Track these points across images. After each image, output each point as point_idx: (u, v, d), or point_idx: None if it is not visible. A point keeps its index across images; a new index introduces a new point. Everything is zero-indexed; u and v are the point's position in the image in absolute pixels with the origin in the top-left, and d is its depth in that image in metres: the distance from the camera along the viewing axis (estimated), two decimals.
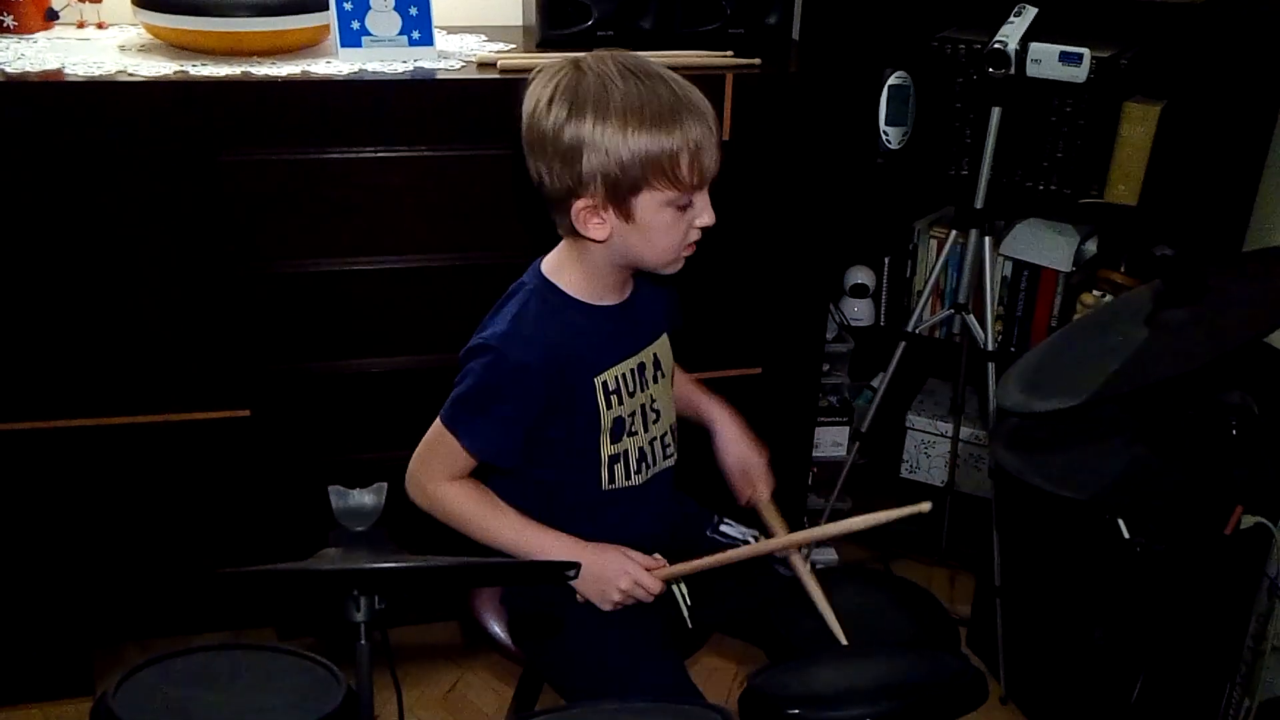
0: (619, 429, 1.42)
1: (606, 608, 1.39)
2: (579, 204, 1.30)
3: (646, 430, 1.45)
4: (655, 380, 1.46)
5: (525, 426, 1.37)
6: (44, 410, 1.83)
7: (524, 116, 1.32)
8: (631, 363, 1.42)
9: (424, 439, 1.41)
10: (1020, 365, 1.28)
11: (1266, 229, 2.04)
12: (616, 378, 1.40)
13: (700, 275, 1.51)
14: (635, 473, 1.45)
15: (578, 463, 1.42)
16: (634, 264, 1.37)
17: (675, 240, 1.32)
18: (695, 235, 1.34)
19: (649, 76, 1.27)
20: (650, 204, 1.28)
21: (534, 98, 1.30)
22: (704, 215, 1.32)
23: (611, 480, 1.44)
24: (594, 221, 1.31)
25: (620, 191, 1.27)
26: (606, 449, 1.42)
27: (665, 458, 1.50)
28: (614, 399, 1.40)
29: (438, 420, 1.39)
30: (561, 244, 1.40)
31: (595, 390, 1.38)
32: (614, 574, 1.37)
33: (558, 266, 1.40)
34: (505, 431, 1.36)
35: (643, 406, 1.44)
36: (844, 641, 1.39)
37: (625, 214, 1.29)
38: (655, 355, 1.47)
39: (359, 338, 1.89)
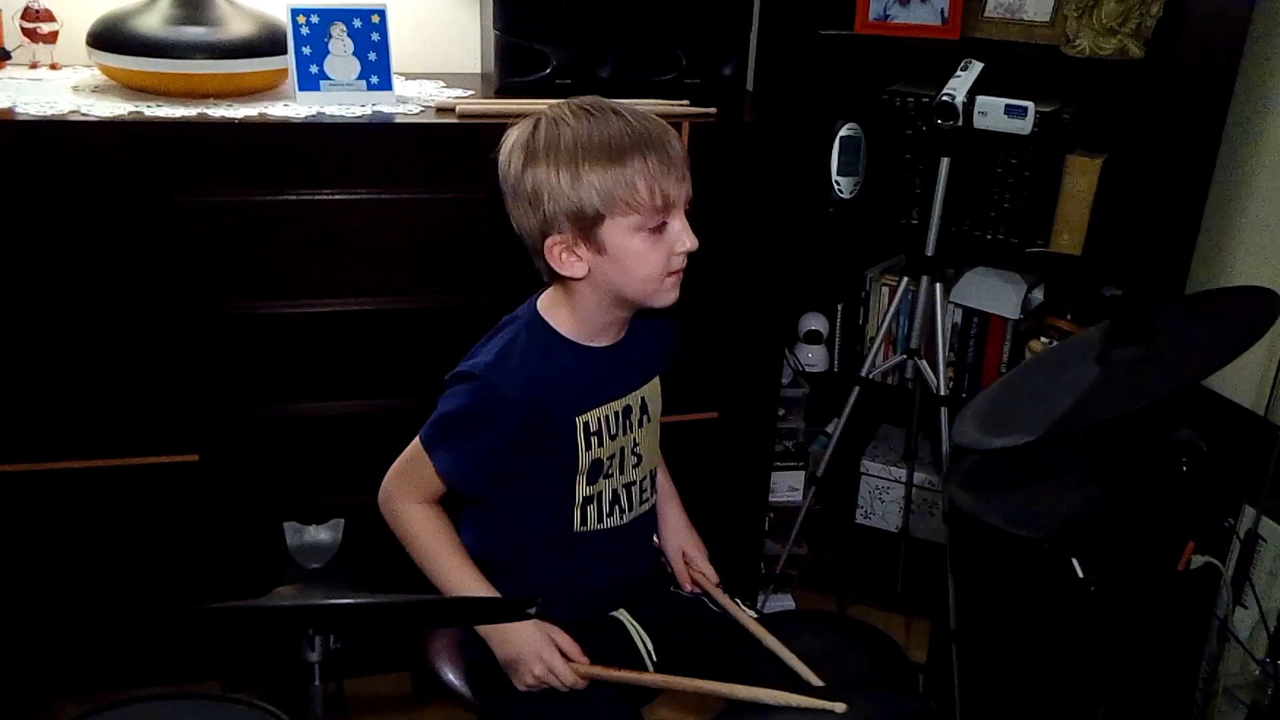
0: (596, 471, 1.41)
1: (521, 688, 1.36)
2: (551, 242, 1.31)
3: (624, 473, 1.44)
4: (640, 424, 1.46)
5: (499, 459, 1.36)
6: None
7: (498, 172, 1.35)
8: (617, 405, 1.42)
9: (402, 454, 1.41)
10: (976, 403, 1.29)
11: (1206, 277, 2.11)
12: (599, 419, 1.39)
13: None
14: (608, 515, 1.44)
15: (551, 501, 1.41)
16: (621, 299, 1.36)
17: (654, 268, 1.32)
18: (678, 263, 1.33)
19: (601, 112, 1.30)
20: (617, 232, 1.29)
21: (501, 152, 1.34)
22: (684, 240, 1.32)
23: (584, 522, 1.42)
24: (570, 259, 1.32)
25: (585, 225, 1.29)
26: (582, 490, 1.41)
27: (642, 503, 1.49)
28: (594, 440, 1.39)
29: (417, 438, 1.38)
30: (552, 286, 1.40)
31: (576, 430, 1.37)
32: (530, 656, 1.35)
33: (551, 305, 1.40)
34: (478, 462, 1.36)
35: (623, 450, 1.43)
36: (817, 683, 1.37)
37: (597, 247, 1.30)
38: (643, 399, 1.46)
39: (313, 381, 1.87)
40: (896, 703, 1.38)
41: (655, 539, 1.59)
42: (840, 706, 1.27)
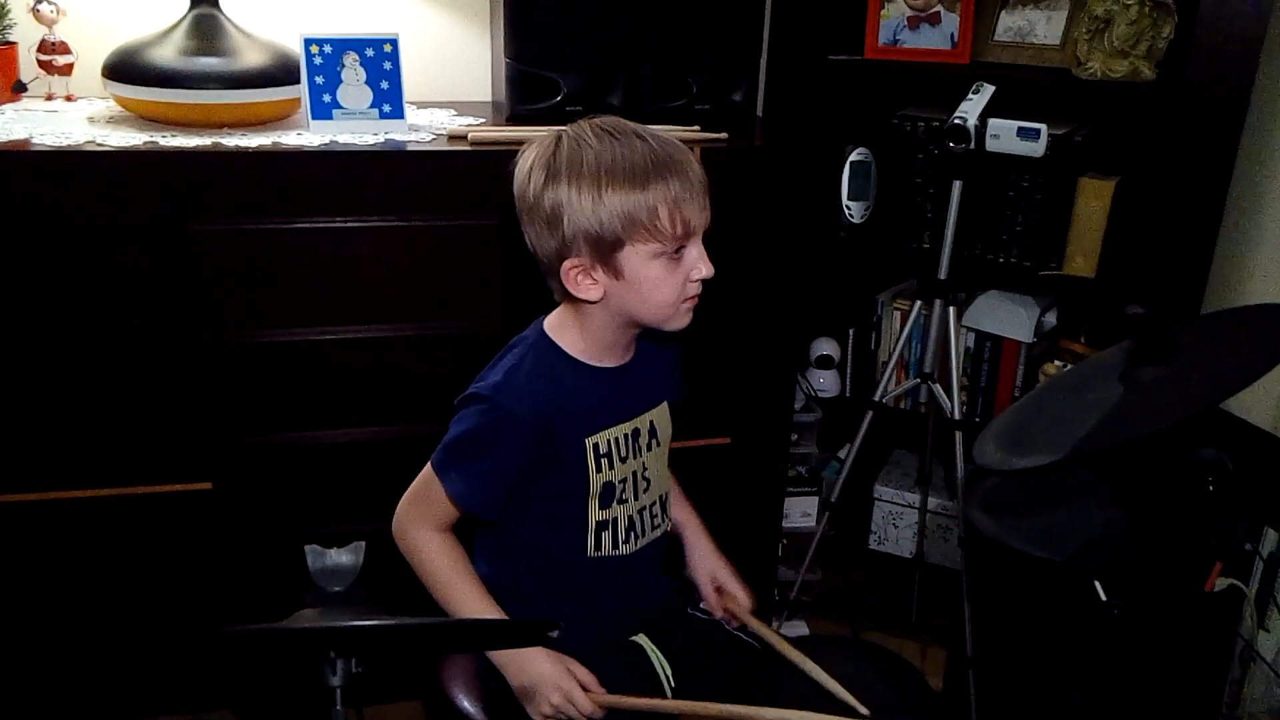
0: (608, 495, 1.40)
1: (537, 718, 1.35)
2: (568, 265, 1.30)
3: (636, 499, 1.43)
4: (649, 448, 1.45)
5: (510, 480, 1.35)
6: None
7: (514, 189, 1.34)
8: (626, 428, 1.41)
9: (414, 482, 1.40)
10: (997, 424, 1.28)
11: (1221, 298, 2.10)
12: (609, 441, 1.39)
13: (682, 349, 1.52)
14: (624, 542, 1.43)
15: (564, 526, 1.40)
16: (634, 321, 1.36)
17: (670, 294, 1.31)
18: (694, 289, 1.33)
19: (624, 135, 1.28)
20: (636, 258, 1.28)
21: (519, 168, 1.33)
22: (700, 267, 1.31)
23: (598, 547, 1.41)
24: (586, 282, 1.31)
25: (604, 249, 1.28)
26: (595, 514, 1.40)
27: (654, 528, 1.48)
28: (604, 462, 1.38)
29: (428, 464, 1.38)
30: (562, 306, 1.40)
31: (585, 451, 1.37)
32: (548, 686, 1.33)
33: (559, 325, 1.40)
34: (488, 482, 1.35)
35: (634, 474, 1.42)
36: (863, 710, 1.35)
37: (614, 271, 1.30)
38: (652, 423, 1.45)
39: (325, 409, 1.86)
40: None
41: (685, 568, 1.57)
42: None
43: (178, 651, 1.82)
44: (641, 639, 1.47)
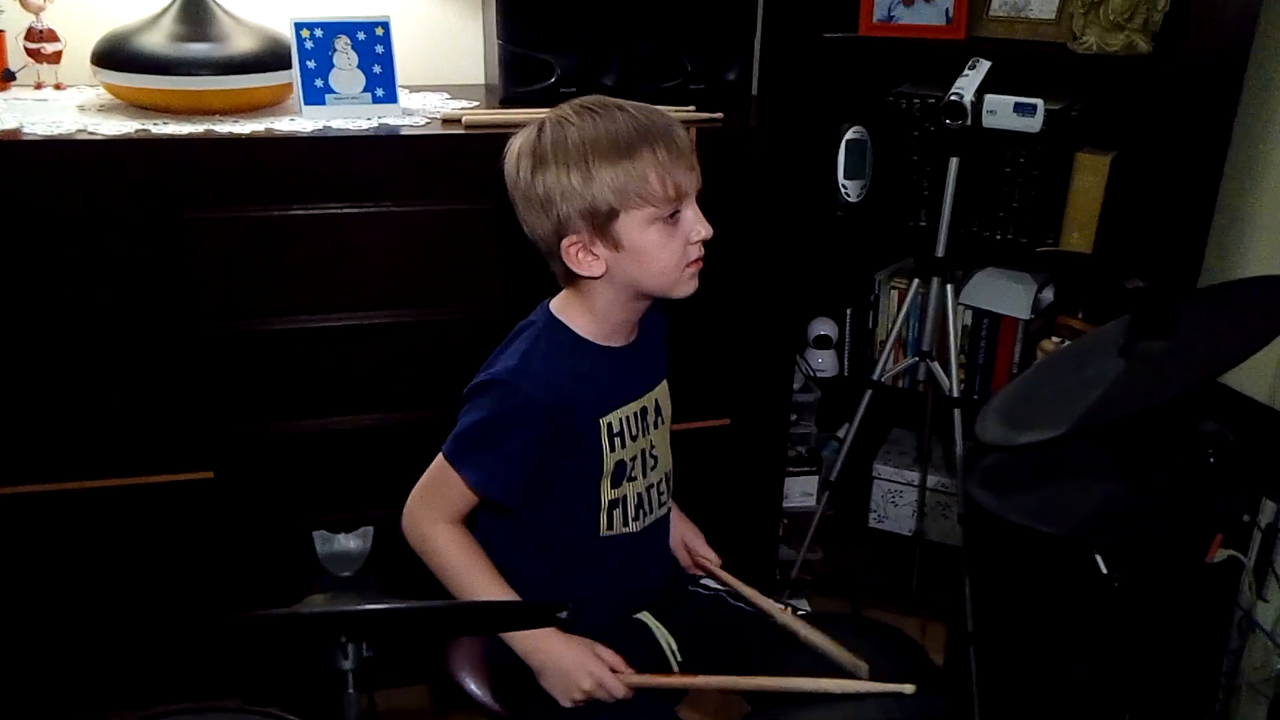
0: (620, 473, 1.40)
1: (566, 704, 1.35)
2: (567, 242, 1.31)
3: (645, 476, 1.44)
4: (656, 426, 1.45)
5: (529, 464, 1.35)
6: None
7: (506, 179, 1.35)
8: (635, 406, 1.41)
9: (424, 474, 1.39)
10: (998, 400, 1.29)
11: (1219, 271, 2.10)
12: (621, 420, 1.39)
13: (667, 327, 1.52)
14: (633, 519, 1.43)
15: (576, 507, 1.40)
16: (640, 293, 1.36)
17: (672, 259, 1.32)
18: (695, 252, 1.33)
19: (604, 109, 1.30)
20: (632, 226, 1.29)
21: (508, 159, 1.34)
22: (698, 228, 1.32)
23: (609, 526, 1.41)
24: (587, 258, 1.31)
25: (600, 221, 1.29)
26: (606, 493, 1.40)
27: (661, 505, 1.48)
28: (617, 442, 1.38)
29: (439, 456, 1.37)
30: (566, 289, 1.40)
31: (600, 432, 1.37)
32: (579, 672, 1.34)
33: (565, 307, 1.39)
34: (510, 468, 1.34)
35: (643, 452, 1.43)
36: (864, 667, 1.36)
37: (613, 243, 1.30)
38: (657, 400, 1.46)
39: (324, 396, 1.86)
40: (922, 702, 1.36)
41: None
42: (909, 688, 1.26)
43: (189, 638, 1.82)
44: (645, 616, 1.48)
